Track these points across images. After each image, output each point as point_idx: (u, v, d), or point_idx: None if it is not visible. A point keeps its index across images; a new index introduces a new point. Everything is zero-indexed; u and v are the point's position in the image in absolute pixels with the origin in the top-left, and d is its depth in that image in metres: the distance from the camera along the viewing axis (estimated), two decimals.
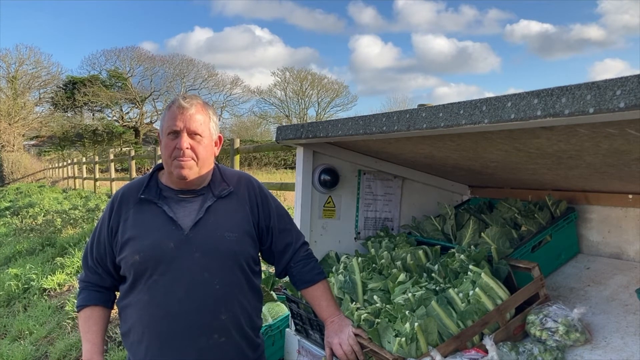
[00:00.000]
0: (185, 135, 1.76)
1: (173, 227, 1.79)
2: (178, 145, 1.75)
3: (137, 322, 1.80)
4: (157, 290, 1.76)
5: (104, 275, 1.87)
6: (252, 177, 2.01)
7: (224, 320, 1.79)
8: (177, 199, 1.84)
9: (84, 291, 1.90)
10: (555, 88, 1.21)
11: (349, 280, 2.15)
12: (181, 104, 1.78)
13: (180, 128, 1.76)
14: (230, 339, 1.81)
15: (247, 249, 1.85)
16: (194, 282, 1.76)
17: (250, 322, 1.88)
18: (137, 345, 1.80)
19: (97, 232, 1.89)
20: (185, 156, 1.76)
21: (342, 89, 47.30)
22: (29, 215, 12.91)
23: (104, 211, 1.91)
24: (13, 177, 30.16)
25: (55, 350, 4.66)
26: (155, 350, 1.77)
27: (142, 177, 1.92)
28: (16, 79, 38.09)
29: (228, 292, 1.80)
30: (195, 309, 1.76)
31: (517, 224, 2.34)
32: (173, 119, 1.77)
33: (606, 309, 1.92)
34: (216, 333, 1.78)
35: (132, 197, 1.86)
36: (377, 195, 2.76)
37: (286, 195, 9.61)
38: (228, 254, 1.81)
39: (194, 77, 43.77)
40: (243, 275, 1.84)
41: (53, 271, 7.07)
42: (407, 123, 1.69)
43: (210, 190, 1.86)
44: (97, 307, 1.88)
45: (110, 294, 1.92)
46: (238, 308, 1.83)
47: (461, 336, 1.77)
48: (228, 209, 1.86)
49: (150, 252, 1.76)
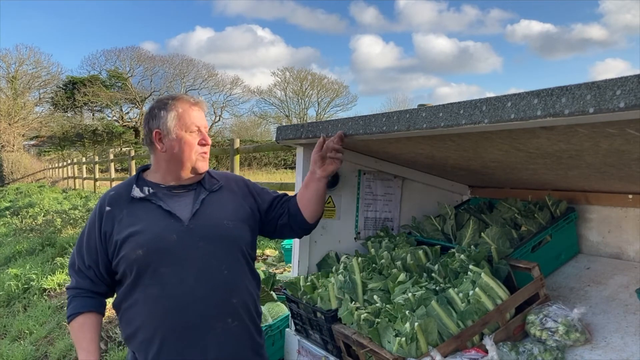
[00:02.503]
0: (205, 131, 1.90)
1: (172, 219, 1.81)
2: (204, 141, 1.88)
3: (147, 319, 1.77)
4: (167, 282, 1.75)
5: (95, 280, 1.84)
6: (236, 175, 2.13)
7: (235, 303, 1.82)
8: (170, 194, 1.87)
9: (75, 299, 1.84)
10: (555, 88, 1.21)
11: (349, 280, 2.15)
12: (198, 101, 1.92)
13: (202, 124, 1.90)
14: (242, 323, 1.84)
15: (245, 235, 1.91)
16: (202, 269, 1.78)
17: (255, 306, 1.93)
18: (148, 343, 1.76)
19: (84, 238, 1.86)
20: (208, 150, 1.91)
21: (342, 89, 47.34)
22: (29, 215, 12.90)
23: (90, 217, 1.89)
24: (13, 177, 30.13)
25: (55, 350, 4.66)
26: (172, 344, 1.75)
27: (129, 179, 1.95)
28: (16, 79, 38.10)
29: (235, 276, 1.84)
30: (207, 296, 1.77)
31: (517, 224, 2.34)
32: (193, 116, 1.87)
33: (606, 309, 1.92)
34: (229, 317, 1.81)
35: (122, 198, 1.86)
36: (377, 195, 2.76)
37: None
38: (230, 239, 1.85)
39: (194, 77, 43.81)
40: (245, 260, 1.89)
41: (53, 271, 7.06)
42: (407, 123, 1.69)
43: (201, 186, 1.92)
44: (90, 314, 1.83)
45: (102, 300, 1.88)
46: (245, 292, 1.87)
47: (461, 336, 1.77)
48: (222, 200, 1.92)
49: (154, 246, 1.76)
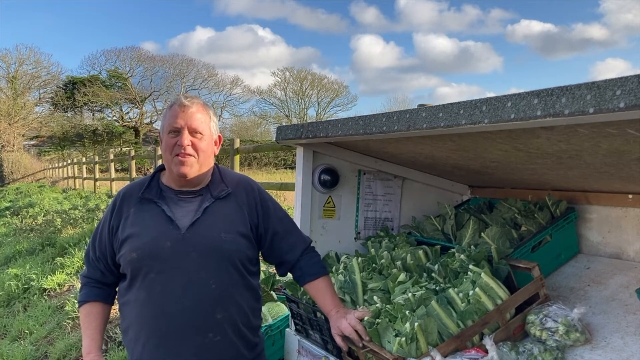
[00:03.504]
0: (186, 133, 1.79)
1: (170, 226, 1.81)
2: (179, 142, 1.79)
3: (135, 319, 1.82)
4: (154, 289, 1.78)
5: (104, 272, 1.91)
6: (251, 180, 2.03)
7: (219, 319, 1.80)
8: (176, 199, 1.87)
9: (85, 287, 1.94)
10: (555, 88, 1.21)
11: (349, 280, 2.15)
12: (183, 103, 1.82)
13: (182, 126, 1.79)
14: (225, 338, 1.82)
15: (242, 250, 1.86)
16: (190, 281, 1.78)
17: (247, 321, 1.89)
18: (135, 343, 1.83)
19: (99, 229, 1.93)
20: (186, 153, 1.79)
21: (342, 89, 47.33)
22: (29, 215, 12.90)
23: (106, 209, 1.96)
24: (13, 177, 30.16)
25: (55, 350, 4.66)
26: (152, 349, 1.79)
27: (145, 178, 1.96)
28: (16, 79, 38.08)
29: (224, 291, 1.81)
30: (191, 308, 1.77)
31: (517, 224, 2.34)
32: (174, 117, 1.80)
33: (606, 309, 1.92)
34: (211, 332, 1.79)
35: (133, 197, 1.89)
36: (377, 195, 2.76)
37: (286, 195, 9.61)
38: (224, 254, 1.82)
39: (194, 77, 43.79)
40: (239, 275, 1.85)
41: (53, 271, 7.07)
42: (407, 123, 1.69)
43: (209, 191, 1.88)
44: (96, 303, 1.92)
45: (110, 290, 1.95)
46: (234, 307, 1.83)
47: (461, 336, 1.77)
48: (225, 210, 1.87)
49: (147, 250, 1.78)
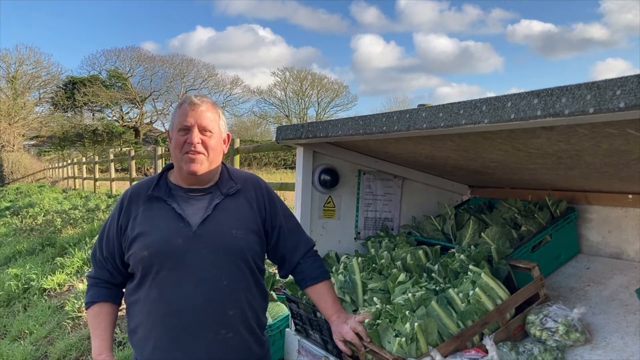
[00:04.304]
0: (196, 131, 1.81)
1: (181, 224, 1.81)
2: (189, 140, 1.80)
3: (146, 318, 1.81)
4: (166, 286, 1.78)
5: (112, 272, 1.90)
6: (259, 178, 2.04)
7: (231, 315, 1.81)
8: (186, 197, 1.87)
9: (92, 288, 1.92)
10: (555, 88, 1.21)
11: (349, 281, 2.15)
12: (193, 101, 1.84)
13: (192, 124, 1.81)
14: (237, 335, 1.82)
15: (253, 246, 1.87)
16: (202, 278, 1.78)
17: (257, 318, 1.90)
18: (145, 341, 1.81)
19: (106, 229, 1.92)
20: (196, 150, 1.80)
21: (342, 89, 47.29)
22: (29, 215, 12.91)
23: (113, 209, 1.94)
24: (13, 177, 30.16)
25: (55, 350, 4.66)
26: (164, 346, 1.78)
27: (152, 176, 1.96)
28: (16, 79, 38.08)
29: (236, 288, 1.82)
30: (203, 305, 1.77)
31: (517, 224, 2.34)
32: (184, 115, 1.82)
33: (606, 309, 1.92)
34: (224, 329, 1.80)
35: (141, 195, 1.89)
36: (377, 195, 2.76)
37: (286, 195, 9.59)
38: (235, 250, 1.82)
39: (194, 77, 43.75)
40: (250, 272, 1.86)
41: (53, 271, 7.07)
42: (407, 123, 1.69)
43: (218, 189, 1.89)
44: (105, 304, 1.90)
45: (118, 290, 1.94)
46: (245, 304, 1.84)
47: (461, 336, 1.77)
48: (235, 207, 1.88)
49: (159, 248, 1.78)
